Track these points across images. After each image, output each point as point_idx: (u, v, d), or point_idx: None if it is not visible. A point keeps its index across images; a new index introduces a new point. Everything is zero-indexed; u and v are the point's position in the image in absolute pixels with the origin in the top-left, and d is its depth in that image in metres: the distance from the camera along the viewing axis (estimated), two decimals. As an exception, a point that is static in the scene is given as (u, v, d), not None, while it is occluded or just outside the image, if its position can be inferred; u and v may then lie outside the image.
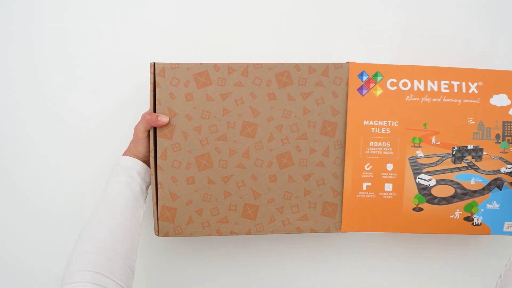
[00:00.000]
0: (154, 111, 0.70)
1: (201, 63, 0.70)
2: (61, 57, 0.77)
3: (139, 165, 0.69)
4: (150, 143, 0.70)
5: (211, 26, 0.78)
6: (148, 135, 0.70)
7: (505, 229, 0.73)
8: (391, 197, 0.72)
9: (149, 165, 0.71)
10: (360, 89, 0.72)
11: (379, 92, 0.72)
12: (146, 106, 0.76)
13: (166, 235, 0.71)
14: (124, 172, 0.67)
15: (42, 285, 0.79)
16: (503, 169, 0.73)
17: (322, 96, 0.72)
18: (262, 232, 0.72)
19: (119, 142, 0.76)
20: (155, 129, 0.70)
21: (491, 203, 0.73)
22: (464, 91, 0.72)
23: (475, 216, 0.72)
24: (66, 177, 0.79)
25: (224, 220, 0.72)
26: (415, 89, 0.72)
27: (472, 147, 0.72)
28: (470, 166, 0.73)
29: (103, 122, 0.79)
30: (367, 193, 0.72)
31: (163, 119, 0.69)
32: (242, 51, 0.78)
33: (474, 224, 0.73)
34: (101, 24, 0.77)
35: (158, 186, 0.70)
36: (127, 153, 0.70)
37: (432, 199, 0.72)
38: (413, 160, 0.72)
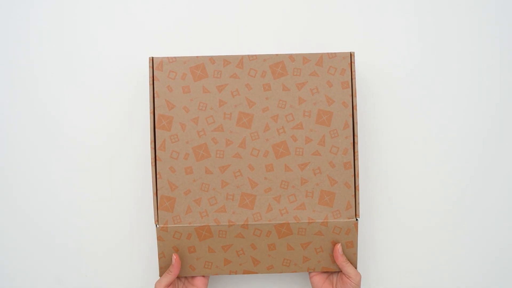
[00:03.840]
0: (153, 104, 0.72)
1: (197, 57, 0.73)
2: (57, 57, 0.79)
3: None
4: (150, 135, 0.72)
5: (207, 21, 0.80)
6: None
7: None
8: None
9: None
10: None
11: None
12: (146, 105, 0.78)
13: (166, 224, 0.73)
14: None
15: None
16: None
17: (317, 85, 0.73)
18: (260, 221, 0.73)
19: (118, 144, 0.79)
20: (154, 122, 0.72)
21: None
22: None
23: None
24: (66, 181, 0.79)
25: (221, 210, 0.73)
26: None
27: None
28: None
29: (102, 123, 0.79)
30: None
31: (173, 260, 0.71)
32: (238, 46, 0.80)
33: None
34: (98, 24, 0.79)
35: (158, 176, 0.72)
36: None
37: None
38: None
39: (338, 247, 0.73)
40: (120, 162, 0.79)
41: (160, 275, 0.74)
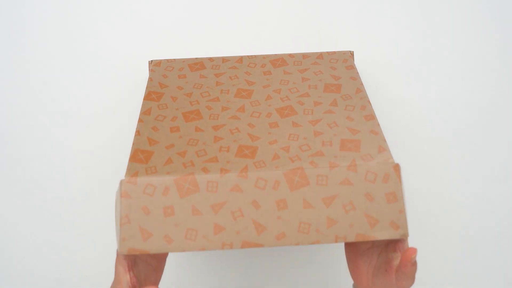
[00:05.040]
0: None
1: (196, 58, 0.72)
2: (57, 57, 0.80)
3: None
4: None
5: (207, 25, 0.81)
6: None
7: None
8: None
9: None
10: None
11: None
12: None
13: (135, 175, 0.53)
14: None
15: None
16: None
17: (320, 69, 0.69)
18: (264, 169, 0.53)
19: (117, 143, 0.76)
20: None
21: None
22: None
23: None
24: (66, 180, 0.77)
25: (213, 160, 0.55)
26: None
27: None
28: None
29: (100, 121, 0.78)
30: None
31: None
32: (237, 46, 0.79)
33: None
34: (97, 24, 0.81)
35: (135, 134, 0.59)
36: None
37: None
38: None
39: (411, 251, 0.48)
40: (121, 162, 0.77)
41: (120, 251, 0.49)
